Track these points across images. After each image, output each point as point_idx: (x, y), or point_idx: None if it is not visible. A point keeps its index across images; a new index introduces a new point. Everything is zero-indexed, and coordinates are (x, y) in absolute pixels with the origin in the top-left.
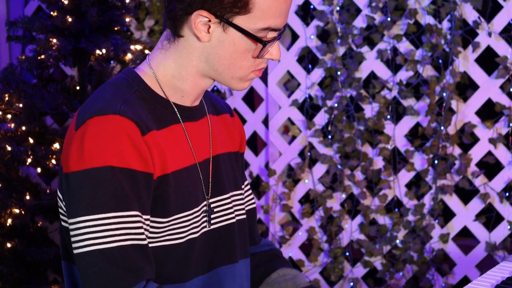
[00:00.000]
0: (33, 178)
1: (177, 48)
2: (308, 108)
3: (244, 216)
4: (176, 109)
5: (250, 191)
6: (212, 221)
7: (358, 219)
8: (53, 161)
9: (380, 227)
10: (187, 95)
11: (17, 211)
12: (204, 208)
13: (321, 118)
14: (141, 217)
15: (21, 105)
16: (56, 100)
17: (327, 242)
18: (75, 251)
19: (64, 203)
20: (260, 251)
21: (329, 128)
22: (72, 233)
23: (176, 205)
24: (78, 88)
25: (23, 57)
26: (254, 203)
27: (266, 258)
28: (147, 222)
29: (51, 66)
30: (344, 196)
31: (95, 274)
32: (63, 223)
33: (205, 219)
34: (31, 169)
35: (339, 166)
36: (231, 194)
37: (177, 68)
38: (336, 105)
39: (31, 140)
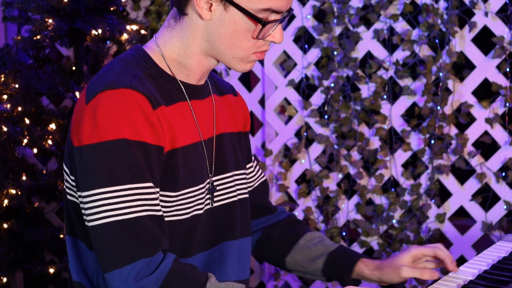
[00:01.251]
0: (30, 159)
1: (182, 27)
2: (305, 88)
3: (246, 196)
4: (182, 87)
5: (258, 167)
6: (215, 199)
7: (355, 199)
8: (49, 142)
9: (377, 207)
10: (192, 73)
11: (13, 191)
12: (208, 185)
13: (317, 98)
14: (155, 189)
15: (17, 86)
16: (52, 80)
17: (323, 222)
18: (91, 223)
19: (73, 177)
20: (279, 220)
21: (326, 108)
22: (87, 205)
23: (184, 180)
24: (74, 68)
25: (19, 37)
26: (264, 176)
27: (288, 225)
28: (157, 195)
29: (47, 46)
30: (340, 176)
31: (113, 245)
32: (69, 197)
33: (208, 196)
34: (27, 150)
35: (335, 146)
36: (232, 173)
37: (182, 46)
38: (332, 85)
39: (27, 121)
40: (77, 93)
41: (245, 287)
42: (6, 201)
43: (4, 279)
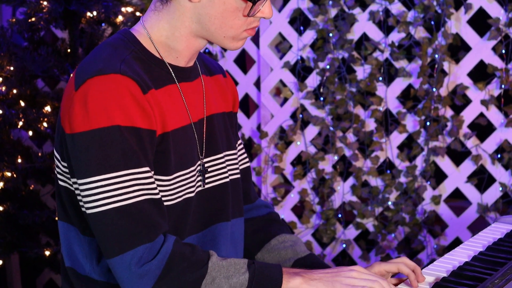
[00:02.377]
0: (25, 141)
1: (169, 10)
2: (300, 70)
3: (238, 176)
4: (171, 70)
5: (243, 151)
6: (206, 181)
7: (350, 181)
8: (45, 124)
9: (372, 189)
10: (181, 55)
11: (8, 174)
12: (199, 167)
13: (313, 80)
14: (151, 172)
15: (12, 68)
16: (47, 62)
17: (319, 204)
18: (89, 211)
19: (64, 163)
20: (258, 215)
21: (321, 90)
22: (84, 193)
23: (176, 163)
24: (69, 50)
25: (14, 19)
26: (247, 162)
27: (265, 223)
28: (154, 179)
29: (42, 28)
30: (336, 158)
31: (114, 232)
32: (61, 183)
33: (199, 178)
34: (22, 132)
35: (331, 128)
36: (224, 154)
37: (170, 29)
38: (328, 67)
39: (22, 103)
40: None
41: (247, 262)
42: (1, 184)
43: (0, 262)
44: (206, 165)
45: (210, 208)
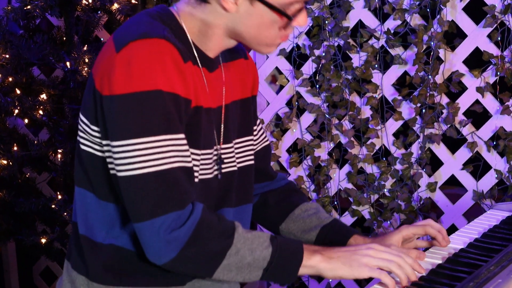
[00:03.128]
0: (21, 129)
1: (204, 11)
2: (296, 58)
3: (250, 162)
4: (197, 55)
5: (262, 131)
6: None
7: (346, 168)
8: (40, 112)
9: (368, 176)
10: (210, 50)
11: (4, 162)
12: (215, 156)
13: (308, 68)
14: (185, 140)
15: (7, 56)
16: (43, 50)
17: (315, 191)
18: (122, 173)
19: (95, 126)
20: (277, 187)
21: (317, 77)
22: (118, 155)
23: (204, 140)
24: (64, 38)
25: (9, 7)
26: (267, 141)
27: (286, 193)
28: (188, 147)
29: (37, 16)
30: (331, 145)
31: (146, 196)
32: (84, 147)
33: (216, 167)
34: (18, 120)
35: (326, 116)
36: (234, 142)
37: (203, 26)
38: (323, 54)
39: (18, 91)
40: (68, 63)
41: (270, 236)
42: None
43: None
44: (221, 151)
45: (219, 194)
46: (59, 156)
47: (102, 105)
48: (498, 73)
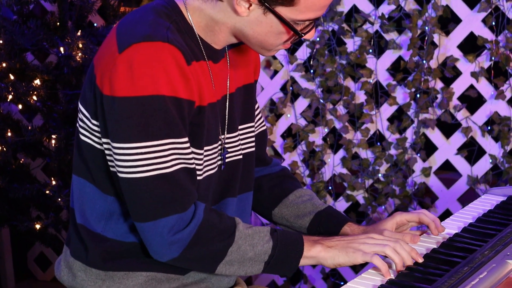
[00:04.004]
0: (14, 115)
1: (214, 7)
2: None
3: (252, 149)
4: (203, 47)
5: (260, 115)
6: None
7: (340, 153)
8: (34, 98)
9: (362, 161)
10: (215, 43)
11: None
12: (220, 146)
13: (303, 53)
14: (188, 143)
15: (1, 42)
16: (37, 36)
17: (309, 177)
18: (125, 175)
19: (95, 121)
20: (272, 172)
21: (311, 62)
22: (120, 157)
23: (207, 137)
24: (58, 24)
25: None
26: (264, 125)
27: (280, 179)
28: (191, 149)
29: (31, 1)
30: (326, 130)
31: (150, 198)
32: (84, 138)
33: (219, 157)
34: (12, 106)
35: (321, 101)
36: (239, 131)
37: (211, 22)
38: (318, 39)
39: (11, 77)
40: (61, 49)
41: (270, 230)
42: None
43: None
44: (226, 141)
45: (221, 185)
46: (53, 141)
47: (103, 103)
48: (493, 58)
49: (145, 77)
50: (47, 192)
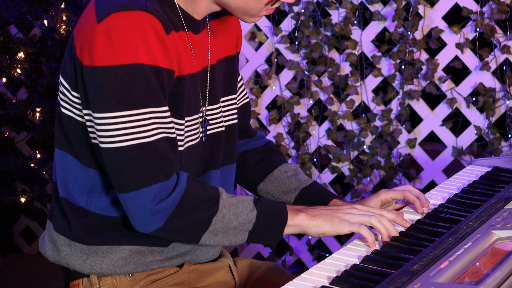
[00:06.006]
0: None
1: None
2: (275, 14)
3: (235, 121)
4: (182, 18)
5: (243, 87)
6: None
7: (326, 125)
8: (18, 71)
9: (347, 133)
10: (196, 13)
11: None
12: (201, 118)
13: (287, 24)
14: (168, 112)
15: None
16: (20, 9)
17: (294, 149)
18: (105, 145)
19: (75, 93)
20: (257, 146)
21: (296, 34)
22: (101, 127)
23: (188, 108)
24: None
25: None
26: (247, 98)
27: (265, 153)
28: (171, 118)
29: None
30: (311, 102)
31: (131, 168)
32: (64, 111)
33: (201, 129)
34: None
35: (306, 72)
36: (221, 103)
37: None
38: (302, 10)
39: None
40: (45, 21)
41: (253, 199)
42: None
43: None
44: (207, 113)
45: (205, 157)
46: (37, 115)
47: (83, 74)
48: (478, 29)
49: (124, 46)
50: (32, 165)
